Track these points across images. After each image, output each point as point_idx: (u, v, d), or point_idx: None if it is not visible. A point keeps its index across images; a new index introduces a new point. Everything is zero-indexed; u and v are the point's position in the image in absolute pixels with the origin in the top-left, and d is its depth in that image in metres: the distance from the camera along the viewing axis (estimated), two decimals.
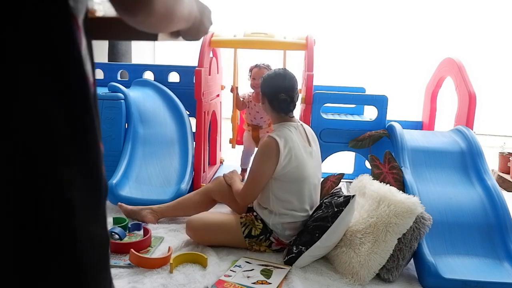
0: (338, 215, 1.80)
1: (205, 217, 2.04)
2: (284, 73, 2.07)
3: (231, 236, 1.98)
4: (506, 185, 3.36)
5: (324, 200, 1.97)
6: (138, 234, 2.08)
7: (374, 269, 1.74)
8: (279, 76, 2.06)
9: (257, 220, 2.00)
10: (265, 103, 2.07)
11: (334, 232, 1.81)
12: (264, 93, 2.07)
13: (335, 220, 1.80)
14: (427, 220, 1.78)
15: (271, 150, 1.92)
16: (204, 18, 0.79)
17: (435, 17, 5.92)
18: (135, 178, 2.58)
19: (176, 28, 0.71)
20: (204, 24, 0.79)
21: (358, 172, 3.05)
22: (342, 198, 1.87)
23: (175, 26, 0.69)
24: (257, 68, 2.86)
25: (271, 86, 2.04)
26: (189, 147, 2.80)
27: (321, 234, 1.81)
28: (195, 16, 0.74)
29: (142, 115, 2.84)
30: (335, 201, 1.88)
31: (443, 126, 2.93)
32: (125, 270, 1.74)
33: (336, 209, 1.83)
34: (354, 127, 2.61)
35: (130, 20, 0.58)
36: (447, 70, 2.77)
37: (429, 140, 2.36)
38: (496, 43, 5.81)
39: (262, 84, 2.10)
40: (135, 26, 0.61)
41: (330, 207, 1.86)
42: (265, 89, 2.07)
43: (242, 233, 1.96)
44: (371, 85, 3.83)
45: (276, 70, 2.12)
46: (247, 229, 1.96)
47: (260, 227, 1.96)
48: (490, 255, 1.87)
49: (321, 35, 3.56)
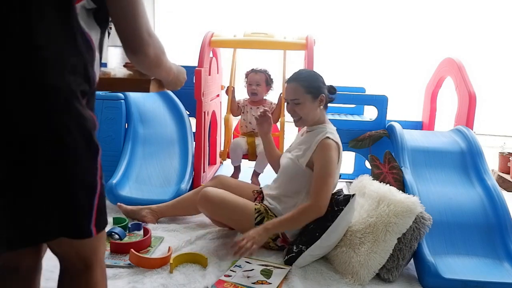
0: (338, 214, 1.80)
1: (223, 193, 2.01)
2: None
3: (242, 219, 1.96)
4: (506, 185, 3.36)
5: None
6: (138, 234, 2.08)
7: (374, 269, 1.74)
8: (314, 72, 2.06)
9: (271, 211, 1.99)
10: (322, 102, 1.99)
11: (334, 231, 1.81)
12: (318, 89, 1.97)
13: (335, 219, 1.80)
14: (427, 220, 1.78)
15: (335, 151, 1.91)
16: (180, 75, 1.19)
17: (435, 17, 5.92)
18: (135, 178, 2.58)
19: (162, 74, 1.09)
20: (180, 80, 1.21)
21: (358, 172, 3.05)
22: (342, 197, 1.87)
23: (162, 71, 1.06)
24: (253, 73, 2.81)
25: (321, 81, 2.01)
26: (189, 147, 2.80)
27: (321, 233, 1.81)
28: (173, 71, 1.14)
29: (142, 115, 2.84)
30: (335, 200, 1.88)
31: (443, 126, 2.93)
32: (125, 270, 1.74)
33: (336, 208, 1.83)
34: (354, 127, 2.61)
35: (133, 60, 0.96)
36: (447, 70, 2.77)
37: (429, 140, 2.36)
38: (496, 43, 5.81)
39: (309, 82, 1.97)
40: (137, 66, 1.00)
41: (330, 206, 1.86)
42: (323, 85, 2.01)
43: (254, 219, 1.94)
44: (371, 85, 3.83)
45: (302, 70, 2.08)
46: (260, 216, 1.95)
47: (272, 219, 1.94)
48: (490, 255, 1.87)
49: (321, 35, 3.56)
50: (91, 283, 0.97)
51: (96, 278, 0.98)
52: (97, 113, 3.18)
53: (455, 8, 5.88)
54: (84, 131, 0.84)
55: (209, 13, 6.29)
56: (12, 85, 0.76)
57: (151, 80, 1.13)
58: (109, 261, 1.80)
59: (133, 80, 1.16)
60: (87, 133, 0.85)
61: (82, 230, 0.87)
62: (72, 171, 0.83)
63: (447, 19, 5.90)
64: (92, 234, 0.89)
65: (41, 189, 0.81)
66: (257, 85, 2.79)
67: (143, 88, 1.13)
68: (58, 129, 0.80)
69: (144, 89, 1.13)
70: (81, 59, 0.85)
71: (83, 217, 0.87)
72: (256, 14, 6.17)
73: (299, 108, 1.96)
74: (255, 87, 2.80)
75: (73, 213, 0.85)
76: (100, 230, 0.92)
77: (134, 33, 0.91)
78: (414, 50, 5.96)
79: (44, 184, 0.81)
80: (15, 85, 0.76)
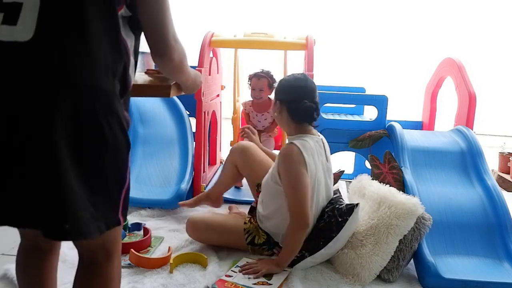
0: (343, 225, 1.78)
1: (207, 217, 1.99)
2: (306, 78, 1.84)
3: (233, 238, 1.92)
4: (506, 185, 3.36)
5: (325, 210, 1.89)
6: (138, 234, 2.08)
7: (375, 271, 1.73)
8: (300, 80, 1.82)
9: (261, 229, 1.91)
10: (282, 112, 1.82)
11: (339, 240, 1.79)
12: (282, 100, 1.82)
13: (340, 230, 1.78)
14: (427, 220, 1.78)
15: (297, 156, 1.72)
16: (197, 79, 1.28)
17: (435, 17, 5.92)
18: (135, 178, 2.57)
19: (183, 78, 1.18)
20: (197, 83, 1.30)
21: (358, 172, 3.05)
22: (345, 207, 1.82)
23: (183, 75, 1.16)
24: (256, 78, 2.83)
25: (292, 92, 1.80)
26: (189, 147, 2.80)
27: (326, 243, 1.79)
28: (192, 76, 1.22)
29: (142, 115, 2.84)
30: (337, 210, 1.83)
31: (443, 126, 2.93)
32: (125, 270, 1.74)
33: (340, 219, 1.79)
34: (354, 127, 2.61)
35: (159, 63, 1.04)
36: (447, 70, 2.77)
37: (429, 140, 2.36)
38: (496, 43, 5.81)
39: (279, 91, 1.85)
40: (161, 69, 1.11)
41: (333, 217, 1.82)
42: (283, 95, 1.82)
43: (245, 239, 1.89)
44: (371, 85, 3.83)
45: (295, 74, 1.87)
46: (250, 236, 1.89)
47: (264, 237, 1.89)
48: (490, 255, 1.86)
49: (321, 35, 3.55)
50: (112, 273, 1.03)
51: (115, 269, 1.04)
52: None
53: (455, 8, 5.88)
54: (122, 128, 0.92)
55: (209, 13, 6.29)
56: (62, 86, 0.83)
57: (171, 86, 1.21)
58: None
59: (155, 86, 1.26)
60: (124, 131, 0.93)
61: (115, 220, 0.95)
62: (110, 164, 0.91)
63: (447, 19, 5.90)
64: (120, 223, 0.97)
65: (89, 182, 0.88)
66: (260, 91, 2.84)
67: (164, 94, 1.23)
68: (102, 126, 0.87)
69: (165, 94, 1.23)
70: (120, 64, 0.93)
71: (115, 207, 0.95)
72: (256, 14, 6.17)
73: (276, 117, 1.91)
74: (259, 93, 2.85)
75: (108, 203, 0.93)
76: (124, 220, 1.00)
77: (162, 38, 0.98)
78: (414, 50, 5.96)
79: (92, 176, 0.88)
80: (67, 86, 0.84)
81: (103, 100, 0.88)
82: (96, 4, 0.85)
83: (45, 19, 0.82)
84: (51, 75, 0.82)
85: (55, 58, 0.83)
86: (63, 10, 0.83)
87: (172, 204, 2.43)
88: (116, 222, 0.96)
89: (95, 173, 0.89)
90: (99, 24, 0.86)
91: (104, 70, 0.88)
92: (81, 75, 0.85)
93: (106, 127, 0.88)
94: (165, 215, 2.38)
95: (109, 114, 0.89)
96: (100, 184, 0.90)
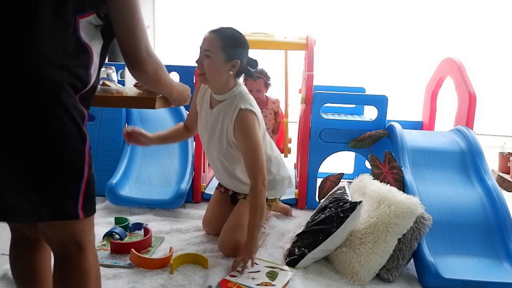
0: (344, 221, 1.79)
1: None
2: None
3: None
4: (506, 185, 3.36)
5: (328, 204, 1.92)
6: (139, 234, 2.08)
7: (374, 269, 1.74)
8: (242, 36, 1.81)
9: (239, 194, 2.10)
10: (226, 64, 1.75)
11: (338, 236, 1.81)
12: (236, 53, 1.76)
13: (340, 226, 1.79)
14: (427, 220, 1.78)
15: (253, 120, 1.80)
16: (184, 93, 1.35)
17: (435, 17, 5.93)
18: (135, 178, 2.58)
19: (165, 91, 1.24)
20: (185, 96, 1.36)
21: (358, 172, 3.05)
22: (348, 204, 1.84)
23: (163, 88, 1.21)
24: (251, 79, 2.80)
25: (244, 48, 1.80)
26: (189, 147, 2.80)
27: (325, 237, 1.80)
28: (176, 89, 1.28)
29: (142, 115, 2.84)
30: (340, 206, 1.85)
31: (443, 126, 2.93)
32: (125, 270, 1.74)
33: (342, 215, 1.81)
34: (354, 127, 2.61)
35: (133, 74, 1.08)
36: (447, 70, 2.77)
37: (429, 140, 2.36)
38: (496, 43, 5.81)
39: (231, 41, 1.75)
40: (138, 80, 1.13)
41: (335, 212, 1.84)
42: (237, 47, 1.77)
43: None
44: (371, 85, 3.83)
45: (231, 28, 1.81)
46: None
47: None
48: (490, 255, 1.87)
49: (321, 35, 3.56)
50: (86, 265, 1.06)
51: (90, 261, 1.07)
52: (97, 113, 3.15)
53: (455, 8, 5.88)
54: (73, 120, 0.95)
55: (209, 13, 6.29)
56: (16, 79, 0.90)
57: (156, 98, 1.29)
58: (109, 261, 1.80)
59: (141, 98, 1.35)
60: (76, 123, 0.96)
61: (70, 211, 0.98)
62: (59, 154, 0.95)
63: (447, 19, 5.90)
64: (79, 217, 0.99)
65: (34, 169, 0.93)
66: (257, 91, 2.82)
67: (150, 106, 1.31)
68: (47, 114, 0.91)
69: (151, 106, 1.31)
70: (75, 61, 0.97)
71: (70, 198, 0.98)
72: (256, 14, 6.18)
73: (207, 63, 1.75)
74: (256, 94, 2.83)
75: (60, 193, 0.97)
76: (88, 215, 1.03)
77: (135, 51, 1.03)
78: (414, 50, 5.97)
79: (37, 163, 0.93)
80: (18, 78, 0.90)
81: (48, 91, 0.91)
82: (48, 7, 0.91)
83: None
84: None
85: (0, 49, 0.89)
86: (15, 8, 0.89)
87: (172, 204, 2.43)
88: (73, 215, 0.98)
89: (40, 161, 0.92)
90: (48, 23, 0.91)
91: (49, 62, 0.92)
92: (24, 65, 0.90)
93: (51, 116, 0.91)
94: (165, 215, 2.39)
95: (56, 104, 0.92)
96: (46, 172, 0.93)
